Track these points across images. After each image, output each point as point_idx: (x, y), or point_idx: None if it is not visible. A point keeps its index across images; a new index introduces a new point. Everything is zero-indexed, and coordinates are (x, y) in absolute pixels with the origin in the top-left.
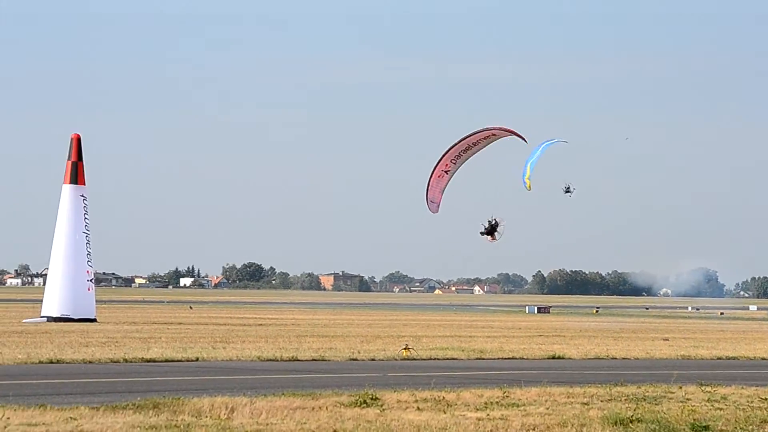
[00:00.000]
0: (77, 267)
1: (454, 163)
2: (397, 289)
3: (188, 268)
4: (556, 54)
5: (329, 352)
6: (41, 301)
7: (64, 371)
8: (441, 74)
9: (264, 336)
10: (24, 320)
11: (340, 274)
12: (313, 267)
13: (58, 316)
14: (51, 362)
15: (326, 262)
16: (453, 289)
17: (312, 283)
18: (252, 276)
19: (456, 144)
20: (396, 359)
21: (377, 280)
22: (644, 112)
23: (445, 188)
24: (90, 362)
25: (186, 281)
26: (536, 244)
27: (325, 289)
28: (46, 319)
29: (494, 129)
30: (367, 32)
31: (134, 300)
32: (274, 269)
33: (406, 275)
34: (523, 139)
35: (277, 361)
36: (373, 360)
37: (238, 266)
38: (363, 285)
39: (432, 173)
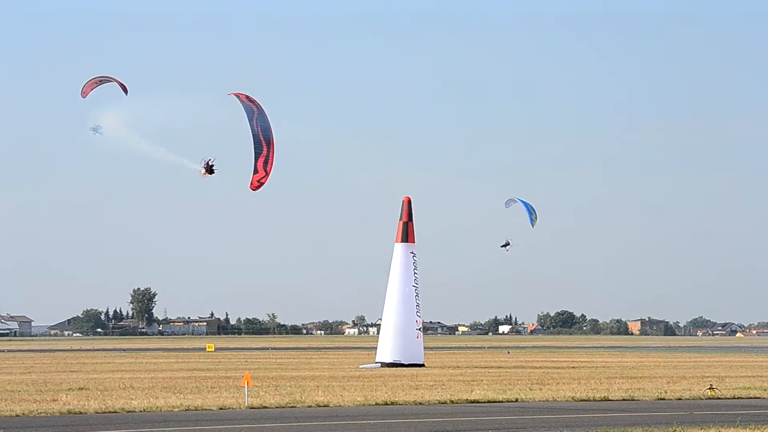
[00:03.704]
0: (407, 317)
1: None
2: (701, 333)
3: (506, 316)
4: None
5: (638, 392)
6: (375, 348)
7: (397, 412)
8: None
9: (576, 378)
10: (360, 366)
11: (647, 319)
12: (621, 313)
13: (391, 361)
14: (385, 404)
15: (633, 308)
16: (754, 332)
17: (620, 328)
18: (564, 323)
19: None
20: (701, 398)
21: (681, 324)
22: None
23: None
24: (420, 404)
25: (504, 328)
26: None
27: (632, 334)
28: (380, 364)
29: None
30: None
31: (458, 346)
32: (585, 316)
33: (709, 320)
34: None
35: (590, 401)
36: (679, 399)
37: (552, 314)
38: (668, 329)
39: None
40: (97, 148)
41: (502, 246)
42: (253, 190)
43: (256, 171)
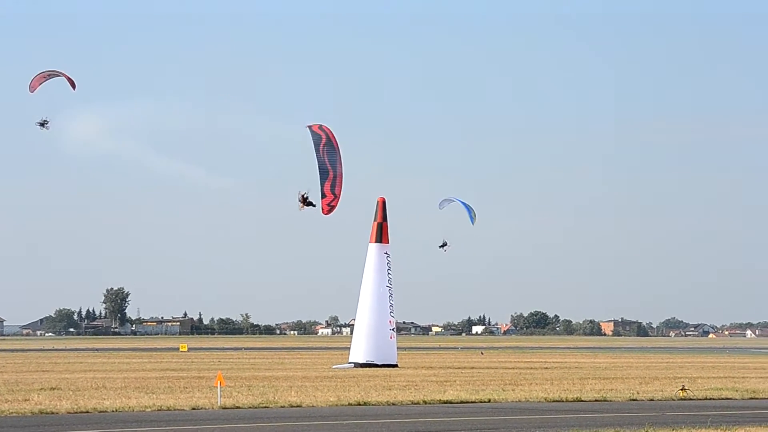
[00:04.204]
0: (381, 317)
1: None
2: (673, 334)
3: (480, 317)
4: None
5: (610, 393)
6: (349, 348)
7: (370, 412)
8: None
9: (549, 378)
10: (334, 366)
11: (620, 320)
12: (594, 314)
13: (364, 362)
14: (358, 404)
15: (606, 309)
16: (726, 333)
17: (593, 329)
18: (538, 323)
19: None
20: (673, 399)
21: (654, 325)
22: None
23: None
24: (393, 404)
25: (477, 329)
26: None
27: (605, 335)
28: (353, 365)
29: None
30: None
31: (431, 347)
32: (558, 317)
33: (682, 320)
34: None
35: (562, 401)
36: (651, 400)
37: (525, 314)
38: (641, 330)
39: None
40: (74, 148)
41: (440, 247)
42: (326, 214)
43: (324, 195)
